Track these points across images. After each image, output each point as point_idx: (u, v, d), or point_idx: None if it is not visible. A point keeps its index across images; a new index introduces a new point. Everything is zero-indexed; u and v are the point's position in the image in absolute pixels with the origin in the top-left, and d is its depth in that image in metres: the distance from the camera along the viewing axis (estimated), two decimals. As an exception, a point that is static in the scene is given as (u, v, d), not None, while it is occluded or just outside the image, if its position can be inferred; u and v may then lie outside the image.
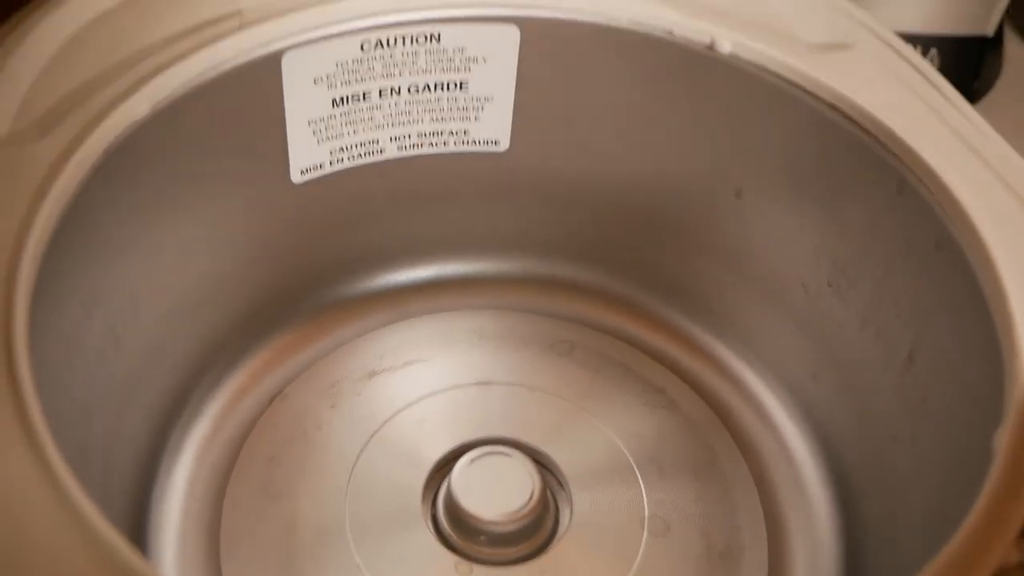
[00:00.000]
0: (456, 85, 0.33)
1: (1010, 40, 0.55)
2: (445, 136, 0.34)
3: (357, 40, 0.31)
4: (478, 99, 0.34)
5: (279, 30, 0.30)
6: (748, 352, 0.35)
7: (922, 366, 0.28)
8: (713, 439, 0.33)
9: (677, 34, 0.31)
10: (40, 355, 0.22)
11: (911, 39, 0.51)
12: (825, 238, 0.31)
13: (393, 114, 0.33)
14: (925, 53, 0.51)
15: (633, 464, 0.32)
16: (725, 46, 0.31)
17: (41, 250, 0.23)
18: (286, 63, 0.30)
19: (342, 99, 0.32)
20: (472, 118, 0.34)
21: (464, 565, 0.30)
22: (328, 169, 0.33)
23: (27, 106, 0.26)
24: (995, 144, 0.28)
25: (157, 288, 0.30)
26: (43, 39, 0.28)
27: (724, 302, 0.36)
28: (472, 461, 0.31)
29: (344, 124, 0.32)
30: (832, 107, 0.29)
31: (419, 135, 0.34)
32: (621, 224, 0.36)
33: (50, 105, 0.26)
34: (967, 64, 0.51)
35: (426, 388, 0.34)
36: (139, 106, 0.27)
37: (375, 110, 0.33)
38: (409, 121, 0.33)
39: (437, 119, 0.34)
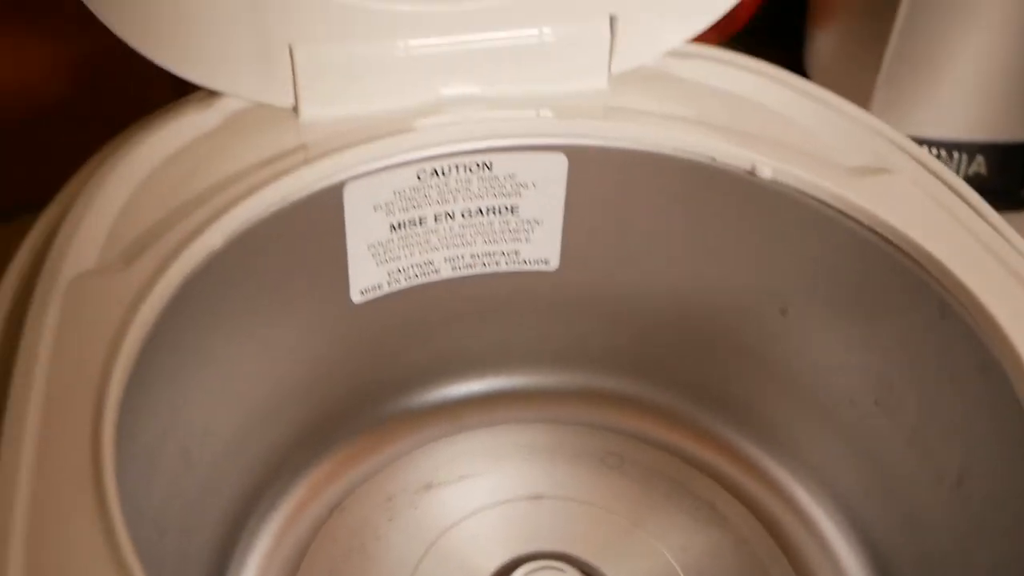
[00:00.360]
0: (507, 209, 0.35)
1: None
2: (497, 256, 0.36)
3: (414, 170, 0.33)
4: (528, 222, 0.35)
5: (341, 163, 0.31)
6: (798, 467, 0.36)
7: (970, 488, 0.28)
8: (764, 555, 0.34)
9: (719, 161, 0.33)
10: (122, 479, 0.23)
11: (957, 146, 0.52)
12: (870, 357, 0.32)
13: (448, 237, 0.35)
14: (971, 160, 0.52)
15: (685, 580, 0.33)
16: (766, 172, 0.32)
17: (125, 377, 0.24)
18: (348, 193, 0.32)
19: (399, 224, 0.34)
20: (523, 239, 0.35)
21: None
22: (386, 289, 0.35)
23: (112, 239, 0.28)
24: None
25: (226, 409, 0.32)
26: (124, 177, 0.30)
27: (773, 417, 0.36)
28: (526, 576, 0.32)
29: (401, 247, 0.34)
30: (871, 231, 0.30)
31: (472, 256, 0.35)
32: (669, 339, 0.37)
33: (133, 238, 0.28)
34: (1013, 171, 0.52)
35: (480, 501, 0.35)
36: (213, 238, 0.28)
37: (431, 234, 0.34)
38: (463, 243, 0.35)
39: (489, 241, 0.35)
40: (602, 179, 0.34)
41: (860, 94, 0.54)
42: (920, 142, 0.52)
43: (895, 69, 0.53)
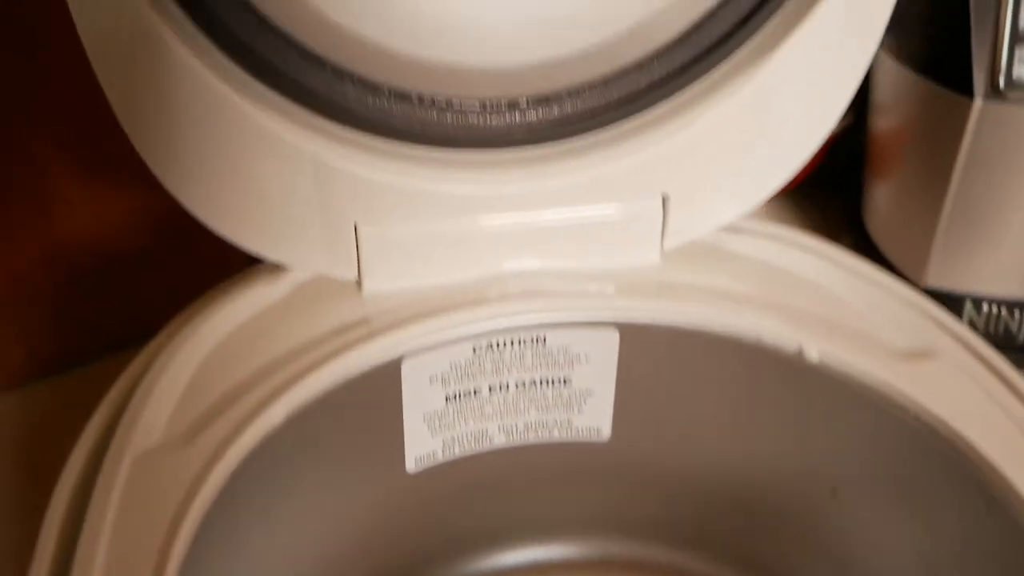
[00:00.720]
0: (560, 381, 0.35)
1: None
2: (550, 426, 0.36)
3: (470, 344, 0.34)
4: (581, 393, 0.36)
5: (401, 338, 0.33)
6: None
7: None
8: None
9: (766, 341, 0.33)
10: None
11: (1017, 305, 0.52)
12: (922, 545, 0.32)
13: (501, 406, 0.36)
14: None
15: None
16: (812, 354, 0.32)
17: (182, 557, 0.25)
18: (406, 367, 0.33)
19: (455, 395, 0.35)
20: (575, 410, 0.36)
21: None
22: (440, 458, 0.36)
23: (178, 413, 0.29)
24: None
25: (280, 579, 0.32)
26: (193, 351, 0.31)
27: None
28: None
29: (456, 417, 0.35)
30: (917, 419, 0.31)
31: (525, 425, 0.36)
32: (720, 513, 0.37)
33: (198, 414, 0.29)
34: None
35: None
36: (274, 415, 0.30)
37: (485, 404, 0.35)
38: (516, 412, 0.36)
39: (542, 410, 0.36)
40: (653, 353, 0.35)
41: (918, 247, 0.55)
42: (979, 299, 0.53)
43: (953, 225, 0.53)
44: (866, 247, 0.61)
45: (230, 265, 0.33)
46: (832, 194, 0.68)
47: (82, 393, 0.51)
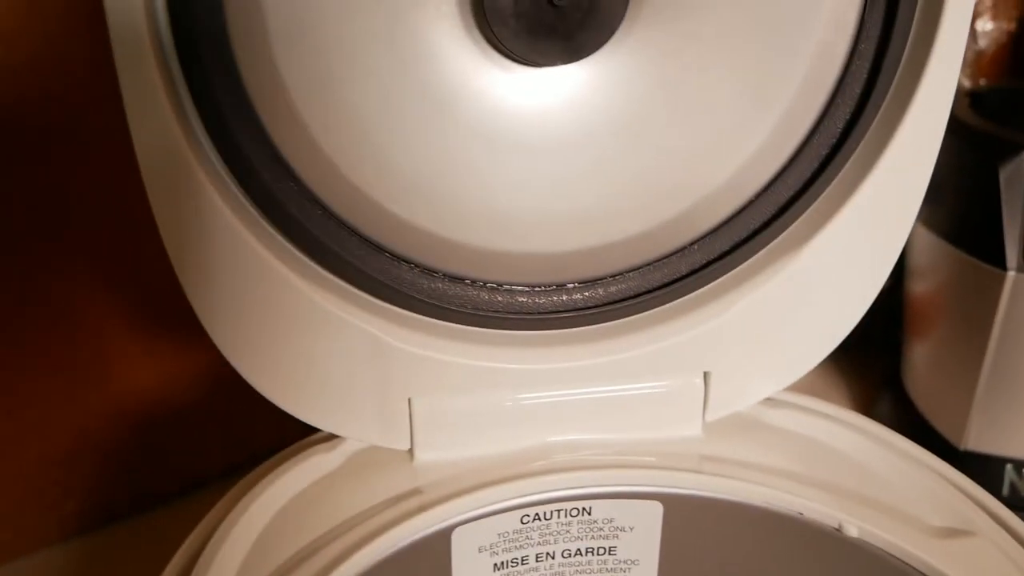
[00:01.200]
0: (605, 550, 0.36)
1: None
2: (595, 594, 0.37)
3: (518, 515, 0.35)
4: (625, 562, 0.37)
5: (452, 510, 0.34)
6: None
7: None
8: None
9: (807, 516, 0.34)
10: None
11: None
12: None
13: (548, 574, 0.36)
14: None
15: None
16: (851, 531, 0.33)
17: None
18: (455, 537, 0.34)
19: (502, 563, 0.35)
20: (620, 578, 0.37)
21: None
22: (487, 624, 0.36)
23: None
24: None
25: None
26: (246, 528, 0.32)
27: None
28: None
29: (503, 585, 0.36)
30: (951, 598, 0.31)
31: (571, 593, 0.37)
32: None
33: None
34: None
35: None
36: (326, 591, 0.31)
37: (531, 572, 0.36)
38: (562, 580, 0.37)
39: (588, 578, 0.37)
40: (696, 524, 0.36)
41: (957, 411, 0.56)
42: (1021, 463, 0.53)
43: (991, 390, 0.54)
44: (905, 407, 0.62)
45: (287, 419, 0.35)
46: (872, 352, 0.69)
47: (130, 548, 0.52)
